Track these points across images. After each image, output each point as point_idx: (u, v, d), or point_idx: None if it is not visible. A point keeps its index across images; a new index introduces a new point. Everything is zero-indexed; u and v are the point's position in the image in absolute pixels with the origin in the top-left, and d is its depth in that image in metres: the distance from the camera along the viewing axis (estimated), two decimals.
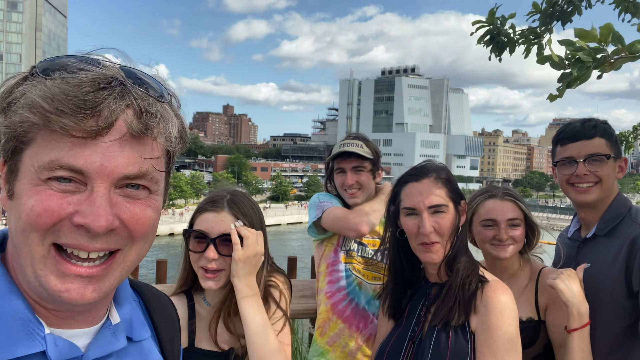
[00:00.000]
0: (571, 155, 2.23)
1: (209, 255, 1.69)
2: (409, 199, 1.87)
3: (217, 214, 1.74)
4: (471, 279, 1.77)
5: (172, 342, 1.11)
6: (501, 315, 1.67)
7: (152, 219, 0.82)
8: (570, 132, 2.27)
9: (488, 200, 2.29)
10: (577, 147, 2.22)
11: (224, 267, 1.72)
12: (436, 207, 1.82)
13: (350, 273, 2.71)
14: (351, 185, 2.67)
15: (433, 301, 1.85)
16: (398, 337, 1.89)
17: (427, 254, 1.82)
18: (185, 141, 0.88)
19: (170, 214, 67.45)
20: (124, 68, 0.78)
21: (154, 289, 1.16)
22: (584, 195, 2.21)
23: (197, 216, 1.79)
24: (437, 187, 1.85)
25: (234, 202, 1.78)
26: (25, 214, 0.73)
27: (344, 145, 2.70)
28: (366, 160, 2.68)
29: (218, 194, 1.83)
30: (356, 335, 2.66)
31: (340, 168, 2.70)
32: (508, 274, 2.29)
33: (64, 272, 0.74)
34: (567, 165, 2.25)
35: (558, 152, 2.32)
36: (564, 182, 2.29)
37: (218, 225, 1.71)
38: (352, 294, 2.69)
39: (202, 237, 1.72)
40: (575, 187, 2.24)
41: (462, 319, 1.71)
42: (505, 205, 2.24)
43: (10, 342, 0.75)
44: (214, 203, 1.77)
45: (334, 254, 2.77)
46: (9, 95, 0.75)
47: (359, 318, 2.67)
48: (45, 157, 0.72)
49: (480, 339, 1.67)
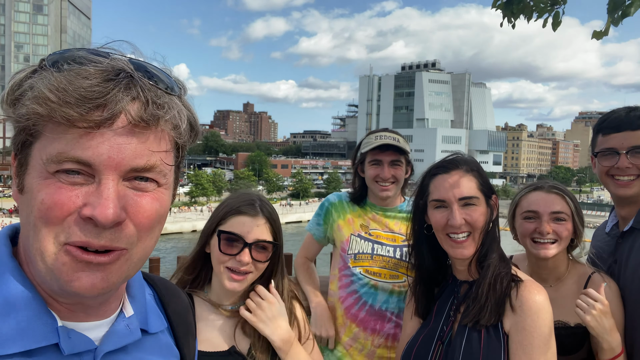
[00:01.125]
0: (613, 146, 2.12)
1: (243, 259, 1.70)
2: (437, 191, 1.80)
3: (253, 218, 1.75)
4: (503, 277, 1.71)
5: (187, 336, 1.11)
6: (537, 316, 1.62)
7: (157, 212, 0.82)
8: (614, 121, 2.14)
9: (533, 192, 2.17)
10: (620, 138, 2.10)
11: (252, 270, 1.75)
12: (467, 199, 1.75)
13: (362, 276, 2.65)
14: (387, 178, 2.62)
15: (463, 300, 1.79)
16: (426, 336, 1.83)
17: (458, 249, 1.76)
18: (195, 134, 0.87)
19: (193, 210, 68.18)
20: (133, 61, 0.78)
21: (169, 283, 1.16)
22: (625, 189, 2.12)
23: (229, 217, 1.76)
24: (467, 179, 1.78)
25: (265, 207, 1.80)
26: (36, 208, 0.73)
27: (380, 137, 2.64)
28: (403, 155, 2.65)
29: (249, 197, 1.83)
30: (372, 337, 2.62)
31: (377, 160, 2.64)
32: (554, 276, 2.15)
33: (76, 258, 0.75)
34: (608, 157, 2.14)
35: (599, 142, 2.20)
36: (604, 173, 2.18)
37: (255, 230, 1.73)
38: (365, 296, 2.64)
39: (235, 239, 1.72)
40: (616, 179, 2.14)
41: (493, 319, 1.66)
42: (551, 198, 2.11)
43: (23, 335, 0.75)
44: (249, 207, 1.77)
45: (341, 259, 2.75)
46: (19, 88, 0.75)
47: (375, 319, 2.62)
48: (52, 150, 0.72)
49: (514, 341, 1.62)
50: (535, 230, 2.09)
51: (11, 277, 0.79)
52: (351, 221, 2.77)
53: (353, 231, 2.73)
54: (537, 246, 2.09)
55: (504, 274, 1.72)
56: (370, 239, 2.70)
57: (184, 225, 57.43)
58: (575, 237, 2.14)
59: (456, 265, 1.88)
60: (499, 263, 1.75)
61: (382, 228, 2.72)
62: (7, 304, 0.77)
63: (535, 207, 2.11)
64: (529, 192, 2.19)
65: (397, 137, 2.67)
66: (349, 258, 2.69)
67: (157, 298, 1.08)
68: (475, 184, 1.79)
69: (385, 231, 2.71)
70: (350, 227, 2.75)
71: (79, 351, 0.80)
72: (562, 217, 2.08)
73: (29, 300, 0.78)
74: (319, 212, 2.89)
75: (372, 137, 2.69)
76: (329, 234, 2.86)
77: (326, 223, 2.84)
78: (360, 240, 2.71)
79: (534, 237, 2.10)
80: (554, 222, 2.07)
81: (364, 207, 2.79)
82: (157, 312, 1.01)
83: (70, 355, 0.79)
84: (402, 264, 2.56)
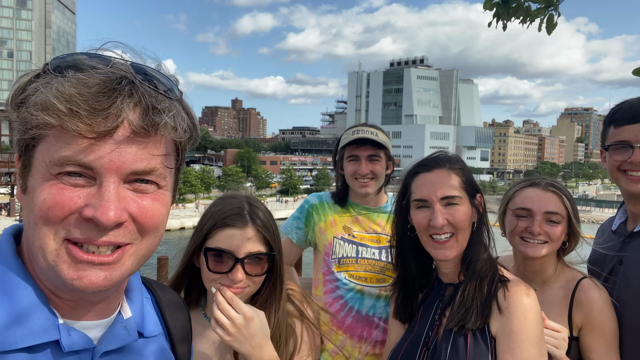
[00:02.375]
0: (627, 139, 1.96)
1: (236, 277, 1.53)
2: (419, 190, 1.73)
3: (242, 230, 1.56)
4: (489, 278, 1.64)
5: (183, 341, 1.11)
6: (524, 318, 1.53)
7: (160, 213, 0.83)
8: (628, 111, 1.97)
9: (528, 188, 2.02)
10: (634, 130, 1.94)
11: (248, 285, 1.58)
12: (449, 199, 1.68)
13: (347, 281, 2.54)
14: (365, 174, 2.52)
15: (448, 303, 1.71)
16: (411, 342, 1.76)
17: (440, 250, 1.69)
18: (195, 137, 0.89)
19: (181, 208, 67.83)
20: (134, 65, 0.79)
21: (167, 288, 1.16)
22: (638, 184, 1.96)
23: (215, 231, 1.57)
24: (450, 178, 1.71)
25: (255, 213, 1.61)
26: (37, 207, 0.75)
27: (358, 132, 2.54)
28: (382, 149, 2.55)
29: (235, 204, 1.63)
30: (359, 344, 2.51)
31: (354, 156, 2.54)
32: (540, 279, 2.02)
33: (77, 259, 0.76)
34: (621, 150, 1.98)
35: (611, 134, 2.03)
36: (615, 168, 2.02)
37: (246, 244, 1.55)
38: (352, 302, 2.53)
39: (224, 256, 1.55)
40: (628, 175, 1.98)
41: (480, 322, 1.58)
42: (547, 197, 1.96)
43: (25, 331, 0.77)
44: (237, 217, 1.58)
45: (324, 263, 2.61)
46: (22, 92, 0.77)
47: (361, 326, 2.51)
48: (55, 154, 0.74)
49: (502, 344, 1.54)
50: (527, 229, 1.95)
51: (14, 274, 0.81)
52: (333, 223, 2.64)
53: (336, 234, 2.60)
54: (526, 244, 1.96)
55: (491, 275, 1.65)
56: (355, 241, 2.58)
57: (172, 223, 57.04)
58: (569, 240, 2.01)
59: (441, 268, 1.80)
60: (485, 264, 1.68)
61: (365, 230, 2.61)
62: (10, 302, 0.78)
63: (529, 205, 1.97)
64: (523, 188, 2.04)
65: (375, 131, 2.55)
66: (333, 263, 2.57)
67: (155, 303, 1.08)
68: (458, 183, 1.71)
69: (369, 232, 2.60)
70: (333, 229, 2.62)
71: (78, 349, 0.81)
72: (557, 218, 1.94)
73: (31, 297, 0.80)
74: (298, 215, 2.75)
75: (350, 132, 2.59)
76: (310, 238, 2.71)
77: (307, 226, 2.70)
78: (344, 243, 2.59)
79: (524, 236, 1.97)
80: (547, 222, 1.93)
81: (346, 207, 2.67)
82: (153, 317, 1.01)
83: (69, 352, 0.81)
84: (389, 267, 2.46)
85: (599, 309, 1.86)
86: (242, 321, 1.47)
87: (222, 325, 1.47)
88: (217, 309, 1.49)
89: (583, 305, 1.88)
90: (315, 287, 2.69)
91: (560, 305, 1.92)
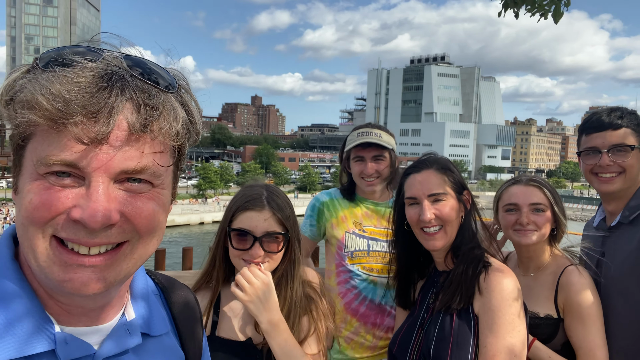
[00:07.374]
0: (595, 145, 2.21)
1: (255, 253, 1.76)
2: (410, 189, 1.95)
3: (259, 212, 1.79)
4: (474, 264, 1.82)
5: (193, 336, 1.09)
6: (501, 297, 1.70)
7: (155, 212, 0.79)
8: (596, 122, 2.24)
9: (512, 186, 2.29)
10: (601, 137, 2.19)
11: (267, 260, 1.80)
12: (436, 196, 1.89)
13: (361, 273, 2.70)
14: (371, 174, 2.70)
15: (440, 288, 1.90)
16: (410, 325, 1.97)
17: (430, 241, 1.89)
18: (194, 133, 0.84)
19: (200, 203, 68.54)
20: (128, 57, 0.76)
21: (175, 281, 1.15)
22: (607, 185, 2.20)
23: (237, 214, 1.82)
24: (436, 177, 1.92)
25: (272, 199, 1.84)
26: (24, 208, 0.72)
27: (362, 134, 2.71)
28: (386, 150, 2.71)
29: (255, 191, 1.87)
30: (373, 330, 2.68)
31: (360, 156, 2.72)
32: (535, 265, 2.26)
33: (67, 262, 0.73)
34: (591, 155, 2.23)
35: (583, 141, 2.31)
36: (588, 171, 2.27)
37: (262, 224, 1.78)
38: (365, 292, 2.69)
39: (245, 235, 1.78)
40: (599, 176, 2.22)
41: (463, 303, 1.76)
42: (529, 190, 2.22)
43: (19, 341, 0.74)
44: (255, 201, 1.81)
45: (337, 256, 2.77)
46: (11, 89, 0.73)
47: (375, 314, 2.68)
48: (42, 153, 0.71)
49: (482, 321, 1.71)
50: (517, 221, 2.20)
51: (8, 281, 0.78)
52: (344, 218, 2.79)
53: (347, 229, 2.76)
54: (518, 234, 2.20)
55: (476, 261, 1.83)
56: (365, 235, 2.74)
57: (192, 218, 57.73)
58: (557, 226, 2.24)
59: (434, 257, 2.00)
60: (471, 252, 1.86)
61: (375, 224, 2.77)
62: (4, 309, 0.75)
63: (515, 200, 2.22)
64: (509, 187, 2.31)
65: (379, 132, 2.71)
66: (346, 256, 2.73)
67: (163, 297, 1.07)
68: (445, 181, 1.91)
69: (378, 227, 2.76)
70: (344, 224, 2.78)
71: (76, 357, 0.78)
72: (541, 207, 2.18)
73: (26, 305, 0.77)
74: (310, 213, 2.89)
75: (355, 134, 2.76)
76: (322, 232, 2.88)
77: (319, 222, 2.86)
78: (355, 237, 2.74)
79: (516, 228, 2.21)
80: (533, 213, 2.18)
81: (355, 202, 2.83)
82: (161, 314, 0.99)
83: None
84: None
85: (576, 291, 2.06)
86: (259, 284, 1.71)
87: (241, 286, 1.72)
88: (239, 273, 1.76)
89: (564, 288, 2.11)
90: (328, 277, 2.83)
91: (549, 289, 2.16)
